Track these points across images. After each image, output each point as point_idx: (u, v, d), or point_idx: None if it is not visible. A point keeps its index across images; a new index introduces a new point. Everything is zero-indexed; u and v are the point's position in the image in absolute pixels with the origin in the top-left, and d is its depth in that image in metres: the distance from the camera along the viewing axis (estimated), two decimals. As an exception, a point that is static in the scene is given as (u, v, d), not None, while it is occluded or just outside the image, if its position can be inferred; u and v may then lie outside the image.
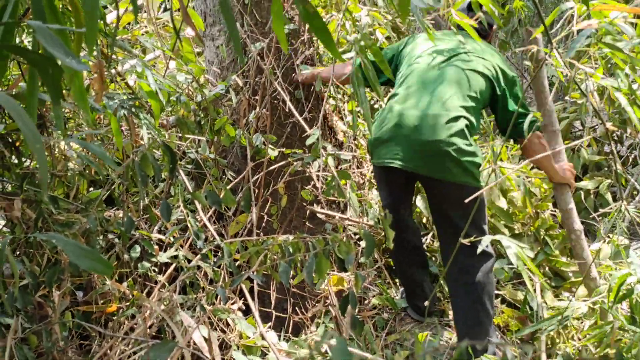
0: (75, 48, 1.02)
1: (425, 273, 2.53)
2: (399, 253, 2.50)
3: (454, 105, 2.18)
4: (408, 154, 2.18)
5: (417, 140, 2.15)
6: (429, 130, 2.14)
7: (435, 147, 2.10)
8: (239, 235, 2.55)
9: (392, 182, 2.39)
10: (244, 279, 1.57)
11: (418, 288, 2.50)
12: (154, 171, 1.45)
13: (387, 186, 2.42)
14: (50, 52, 0.68)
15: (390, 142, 2.24)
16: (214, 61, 2.85)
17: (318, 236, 1.46)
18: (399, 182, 2.40)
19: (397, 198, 2.43)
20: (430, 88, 2.24)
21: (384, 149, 2.26)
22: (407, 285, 2.56)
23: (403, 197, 2.45)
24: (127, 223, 1.53)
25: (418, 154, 2.16)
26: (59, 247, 1.61)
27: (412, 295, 2.54)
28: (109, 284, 1.89)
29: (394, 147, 2.22)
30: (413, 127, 2.17)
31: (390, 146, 2.24)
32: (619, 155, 4.59)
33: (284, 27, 0.90)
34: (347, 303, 1.40)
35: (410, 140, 2.17)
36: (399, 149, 2.21)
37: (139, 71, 2.02)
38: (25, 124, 0.78)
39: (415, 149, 2.16)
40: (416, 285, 2.51)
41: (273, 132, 2.64)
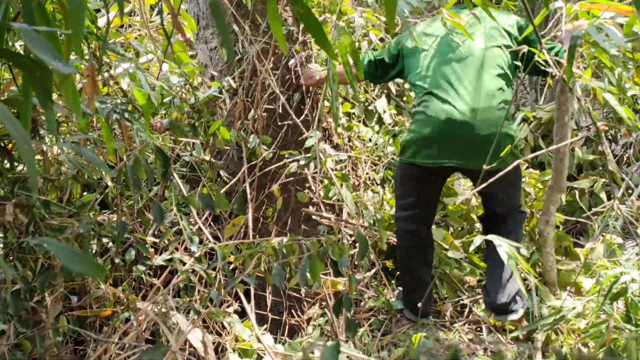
0: (66, 50, 1.01)
1: (430, 271, 2.53)
2: (412, 250, 2.49)
3: (493, 91, 2.24)
4: (466, 152, 2.23)
5: (473, 137, 2.20)
6: (482, 125, 2.19)
7: (492, 141, 2.11)
8: (235, 237, 2.54)
9: (428, 182, 2.42)
10: (237, 282, 1.57)
11: (421, 287, 2.48)
12: (147, 175, 1.44)
13: (421, 186, 2.43)
14: (37, 55, 0.67)
15: (440, 141, 2.26)
16: (208, 64, 2.84)
17: (312, 238, 1.46)
18: (436, 182, 2.44)
19: (428, 197, 2.47)
20: (464, 78, 2.27)
21: (433, 149, 2.28)
22: (411, 284, 2.53)
23: (434, 195, 2.49)
24: (120, 227, 1.52)
25: (476, 151, 2.19)
26: (51, 251, 1.60)
27: (413, 294, 2.51)
28: (104, 288, 1.88)
29: (446, 146, 2.25)
30: (465, 124, 2.21)
31: (441, 145, 2.26)
32: (614, 154, 4.61)
33: (281, 27, 0.90)
34: (341, 305, 1.40)
35: (465, 138, 2.21)
36: (454, 147, 2.24)
37: (132, 74, 2.02)
38: (13, 126, 0.78)
39: (473, 146, 2.21)
40: (420, 283, 2.48)
41: (269, 134, 2.63)
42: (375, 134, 3.21)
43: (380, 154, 3.21)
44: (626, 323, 1.94)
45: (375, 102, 3.46)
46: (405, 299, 2.57)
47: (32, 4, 0.98)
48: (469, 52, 2.32)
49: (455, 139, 2.23)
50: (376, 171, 3.21)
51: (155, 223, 1.82)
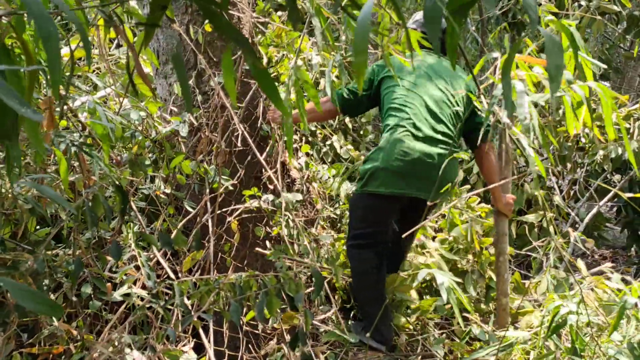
0: (28, 88, 1.04)
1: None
2: (379, 278, 2.56)
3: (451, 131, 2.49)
4: (426, 186, 2.42)
5: (434, 175, 2.38)
6: (439, 163, 2.39)
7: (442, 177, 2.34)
8: (194, 270, 2.54)
9: (392, 210, 2.56)
10: (195, 319, 1.58)
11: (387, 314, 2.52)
12: (105, 212, 1.45)
13: (385, 215, 2.55)
14: (5, 102, 0.70)
15: (410, 175, 2.43)
16: (167, 99, 2.87)
17: (270, 274, 1.49)
18: (397, 210, 2.59)
19: (389, 225, 2.59)
20: (433, 115, 2.48)
21: (401, 181, 2.44)
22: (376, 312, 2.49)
23: (391, 222, 2.62)
24: (75, 265, 1.52)
25: (433, 184, 2.39)
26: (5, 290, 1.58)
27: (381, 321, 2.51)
28: (57, 324, 1.85)
29: (414, 180, 2.44)
30: (431, 163, 2.42)
31: (409, 178, 2.43)
32: (560, 189, 4.82)
33: (234, 81, 0.95)
34: (297, 340, 1.43)
35: (430, 174, 2.41)
36: (419, 181, 2.44)
37: (91, 108, 2.03)
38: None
39: (432, 181, 2.40)
40: (387, 310, 2.53)
41: (230, 169, 2.67)
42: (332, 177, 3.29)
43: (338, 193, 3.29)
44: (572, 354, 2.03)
45: (332, 138, 3.54)
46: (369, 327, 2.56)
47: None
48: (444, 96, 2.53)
49: (420, 175, 2.44)
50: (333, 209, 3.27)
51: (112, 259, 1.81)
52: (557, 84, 0.94)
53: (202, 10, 0.97)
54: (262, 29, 3.23)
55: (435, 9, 0.75)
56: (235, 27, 0.96)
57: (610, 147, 4.02)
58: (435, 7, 0.75)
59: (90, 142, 2.03)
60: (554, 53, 0.94)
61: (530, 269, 4.07)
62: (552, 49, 0.94)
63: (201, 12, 2.59)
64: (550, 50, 0.94)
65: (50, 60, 0.72)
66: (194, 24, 2.73)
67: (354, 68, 0.80)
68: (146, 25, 1.08)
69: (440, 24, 0.82)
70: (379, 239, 2.56)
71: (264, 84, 0.86)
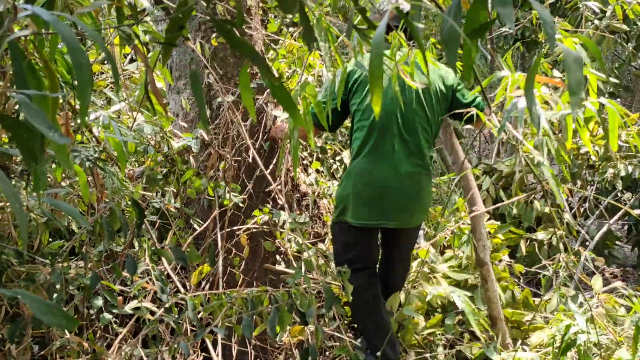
0: (52, 110, 1.07)
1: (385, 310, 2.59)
2: (376, 302, 2.51)
3: (421, 151, 2.34)
4: (396, 213, 2.34)
5: (404, 199, 2.31)
6: (411, 187, 2.31)
7: (417, 200, 2.33)
8: (202, 284, 2.55)
9: (370, 239, 2.48)
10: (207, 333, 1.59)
11: (388, 334, 2.49)
12: (122, 226, 1.48)
13: (365, 244, 2.47)
14: (33, 125, 0.73)
15: (375, 202, 2.32)
16: (179, 113, 2.91)
17: (281, 289, 1.50)
18: (376, 238, 2.53)
19: (372, 252, 2.53)
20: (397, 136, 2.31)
21: (367, 210, 2.34)
22: (382, 333, 2.46)
23: (376, 250, 2.58)
24: (92, 278, 1.54)
25: (405, 211, 2.34)
26: (21, 302, 1.60)
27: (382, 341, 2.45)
28: (68, 337, 1.87)
29: (379, 207, 2.32)
30: (397, 186, 2.31)
31: (375, 206, 2.33)
32: (570, 207, 4.80)
33: (252, 97, 0.98)
34: (308, 355, 1.44)
35: (398, 200, 2.32)
36: (386, 208, 2.32)
37: (105, 124, 2.06)
38: (4, 184, 0.82)
39: (402, 207, 2.33)
40: (388, 330, 2.50)
41: (239, 184, 2.69)
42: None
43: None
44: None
45: (342, 154, 3.56)
46: (371, 348, 2.55)
47: (23, 65, 1.04)
48: (415, 100, 2.31)
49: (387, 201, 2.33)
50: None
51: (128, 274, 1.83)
52: (578, 99, 0.94)
53: (217, 28, 1.00)
54: (273, 46, 3.27)
55: (453, 32, 0.77)
56: (250, 44, 0.99)
57: (620, 165, 4.01)
58: (453, 31, 0.76)
59: (104, 157, 2.06)
60: (573, 68, 0.94)
61: (540, 287, 4.05)
62: (572, 64, 0.95)
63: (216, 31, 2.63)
64: (570, 65, 0.95)
65: (80, 89, 0.75)
66: (207, 41, 2.77)
67: (370, 89, 0.82)
68: (164, 44, 1.11)
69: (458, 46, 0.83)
70: (364, 263, 2.48)
71: (281, 98, 0.88)
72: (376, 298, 2.51)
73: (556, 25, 2.25)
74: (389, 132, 2.33)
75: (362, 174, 2.35)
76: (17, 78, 0.96)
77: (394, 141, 2.32)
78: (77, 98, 0.84)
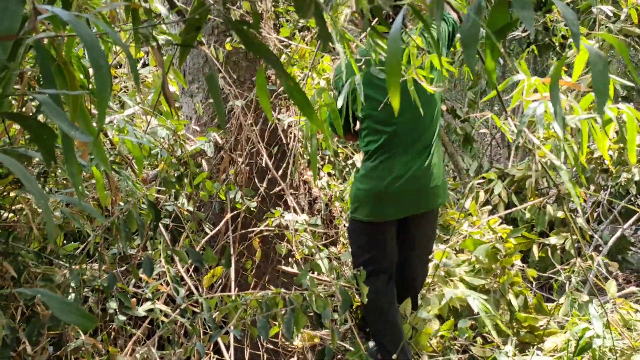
0: (72, 110, 1.07)
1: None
2: (391, 307, 2.50)
3: (432, 140, 2.39)
4: (419, 201, 2.40)
5: (427, 188, 2.38)
6: (435, 178, 2.38)
7: (439, 186, 2.40)
8: (214, 287, 2.56)
9: (391, 234, 2.50)
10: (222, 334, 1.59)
11: (401, 339, 2.48)
12: (138, 228, 1.49)
13: (387, 240, 2.49)
14: (57, 124, 0.74)
15: (399, 197, 2.36)
16: (192, 117, 2.92)
17: (294, 292, 1.51)
18: (394, 237, 2.52)
19: (390, 254, 2.53)
20: (416, 130, 2.34)
21: (391, 207, 2.38)
22: (395, 338, 2.48)
23: (394, 251, 2.57)
24: (109, 279, 1.55)
25: (427, 196, 2.40)
26: (40, 301, 1.62)
27: (394, 347, 2.45)
28: (83, 338, 1.88)
29: (404, 201, 2.37)
30: (423, 182, 2.37)
31: (399, 201, 2.37)
32: (583, 212, 4.76)
33: (268, 99, 0.98)
34: (323, 357, 1.44)
35: (421, 191, 2.38)
36: (410, 200, 2.38)
37: (121, 127, 2.08)
38: (29, 182, 0.83)
39: (426, 194, 2.39)
40: (400, 335, 2.49)
41: (250, 187, 2.70)
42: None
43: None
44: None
45: (354, 158, 3.56)
46: (384, 353, 2.54)
47: (51, 66, 1.05)
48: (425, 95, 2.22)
49: (410, 194, 2.38)
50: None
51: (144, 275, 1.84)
52: (604, 99, 0.93)
53: (235, 31, 1.01)
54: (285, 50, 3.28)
55: (473, 33, 0.76)
56: (266, 45, 1.00)
57: (635, 169, 3.98)
58: (473, 31, 0.76)
59: (118, 160, 2.08)
60: (598, 68, 0.94)
61: (552, 292, 4.02)
62: (597, 64, 0.94)
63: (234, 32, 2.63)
64: (595, 65, 0.94)
65: (99, 91, 0.76)
66: (220, 45, 2.79)
67: (388, 89, 0.82)
68: (181, 45, 1.12)
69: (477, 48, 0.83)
70: (382, 264, 2.48)
71: (297, 100, 0.89)
72: (391, 302, 2.51)
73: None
74: (408, 132, 2.35)
75: (381, 172, 2.37)
76: (44, 79, 0.97)
77: (411, 139, 2.36)
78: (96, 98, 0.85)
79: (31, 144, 1.73)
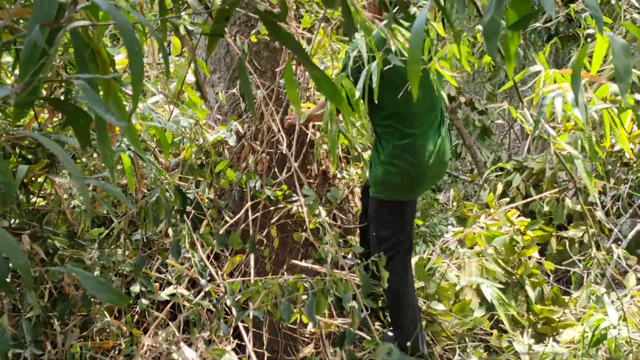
0: (106, 95, 1.11)
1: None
2: (409, 289, 2.51)
3: (443, 116, 2.52)
4: (441, 173, 2.54)
5: (447, 161, 2.54)
6: (448, 151, 2.53)
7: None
8: (234, 274, 2.61)
9: (415, 211, 2.62)
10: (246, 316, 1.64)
11: (419, 325, 2.50)
12: (166, 213, 1.53)
13: (412, 219, 2.58)
14: (93, 109, 0.77)
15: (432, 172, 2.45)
16: (214, 106, 2.97)
17: (317, 277, 1.54)
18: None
19: (412, 228, 2.60)
20: (431, 109, 2.42)
21: (426, 182, 2.47)
22: (414, 321, 2.50)
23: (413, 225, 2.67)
24: (139, 260, 1.60)
25: (445, 169, 2.55)
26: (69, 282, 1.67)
27: (414, 332, 2.46)
28: (108, 320, 1.94)
29: (434, 176, 2.48)
30: (447, 156, 2.51)
31: (432, 176, 2.47)
32: (603, 205, 4.73)
33: (296, 91, 1.01)
34: (345, 339, 1.47)
35: (445, 164, 2.53)
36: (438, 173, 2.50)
37: (146, 115, 2.13)
38: (69, 163, 0.88)
39: (445, 167, 2.54)
40: (419, 321, 2.52)
41: (271, 176, 2.74)
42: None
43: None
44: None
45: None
46: (402, 338, 2.53)
47: (85, 52, 1.09)
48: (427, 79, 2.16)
49: (440, 170, 2.50)
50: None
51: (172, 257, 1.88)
52: (626, 85, 0.94)
53: (264, 22, 1.04)
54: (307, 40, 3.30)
55: (495, 23, 0.78)
56: (293, 36, 1.02)
57: (655, 162, 3.94)
58: (494, 22, 0.78)
59: (143, 147, 2.12)
60: (621, 55, 0.95)
61: (570, 285, 4.01)
62: (619, 51, 0.95)
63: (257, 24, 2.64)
64: (617, 52, 0.95)
65: (134, 76, 0.79)
66: (242, 34, 2.82)
67: (409, 77, 0.85)
68: (210, 35, 1.15)
69: (498, 38, 0.85)
70: (405, 246, 2.52)
71: (325, 89, 0.91)
72: (410, 285, 2.53)
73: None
74: (424, 111, 2.40)
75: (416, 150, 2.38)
76: (80, 65, 1.01)
77: (429, 116, 2.42)
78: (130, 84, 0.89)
79: (62, 130, 1.78)
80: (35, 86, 1.05)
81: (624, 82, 0.92)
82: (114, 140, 1.43)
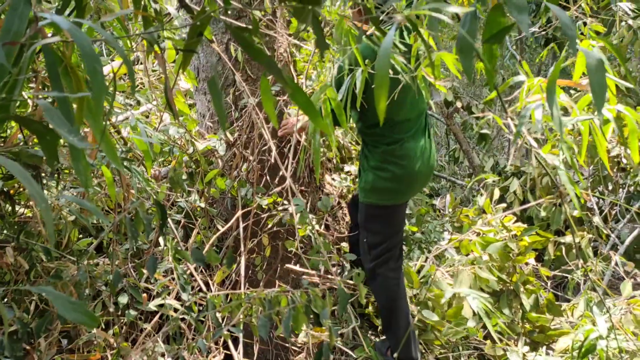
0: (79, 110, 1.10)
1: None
2: (401, 294, 2.50)
3: (427, 120, 2.51)
4: (429, 177, 2.53)
5: (435, 165, 2.53)
6: (434, 155, 2.52)
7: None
8: (225, 283, 2.60)
9: (402, 213, 2.58)
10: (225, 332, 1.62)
11: (413, 333, 2.47)
12: (144, 228, 1.52)
13: (402, 222, 2.58)
14: (56, 129, 0.76)
15: (423, 175, 2.45)
16: (206, 114, 2.96)
17: (299, 290, 1.52)
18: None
19: (402, 232, 2.59)
20: (419, 115, 2.43)
21: (417, 185, 2.48)
22: (401, 331, 2.45)
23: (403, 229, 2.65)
24: (114, 277, 1.59)
25: (432, 172, 2.54)
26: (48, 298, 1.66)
27: (407, 340, 2.43)
28: (95, 332, 1.93)
29: (423, 179, 2.48)
30: (434, 159, 2.51)
31: (421, 179, 2.47)
32: (601, 210, 4.70)
33: (273, 104, 1.00)
34: (321, 355, 1.45)
35: (433, 167, 2.53)
36: (427, 176, 2.49)
37: (132, 125, 2.12)
38: (30, 184, 0.86)
39: (432, 170, 2.53)
40: (412, 329, 2.48)
41: (262, 184, 2.72)
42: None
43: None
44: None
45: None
46: (395, 346, 2.50)
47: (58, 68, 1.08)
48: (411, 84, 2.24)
49: (427, 175, 2.49)
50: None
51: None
52: (601, 102, 0.93)
53: (235, 37, 1.02)
54: (298, 47, 3.29)
55: (468, 41, 0.77)
56: (265, 52, 1.01)
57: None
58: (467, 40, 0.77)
59: (130, 157, 2.11)
60: (595, 71, 0.94)
61: (568, 291, 3.98)
62: (593, 67, 0.94)
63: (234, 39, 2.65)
64: (592, 68, 0.94)
65: (94, 95, 0.78)
66: (234, 42, 2.81)
67: (375, 98, 0.84)
68: (183, 50, 1.14)
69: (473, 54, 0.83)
70: (395, 251, 2.51)
71: (300, 102, 0.90)
72: (404, 297, 2.51)
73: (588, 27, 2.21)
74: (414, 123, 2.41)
75: (406, 154, 2.37)
76: (52, 81, 1.00)
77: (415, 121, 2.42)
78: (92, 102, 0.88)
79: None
80: (5, 104, 1.05)
81: (599, 98, 0.91)
82: (94, 154, 1.42)
